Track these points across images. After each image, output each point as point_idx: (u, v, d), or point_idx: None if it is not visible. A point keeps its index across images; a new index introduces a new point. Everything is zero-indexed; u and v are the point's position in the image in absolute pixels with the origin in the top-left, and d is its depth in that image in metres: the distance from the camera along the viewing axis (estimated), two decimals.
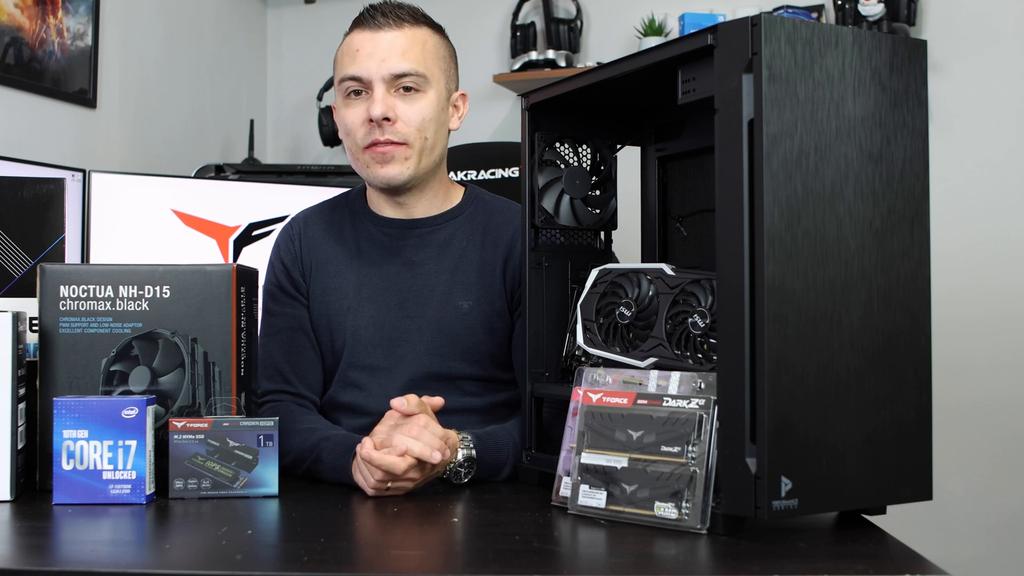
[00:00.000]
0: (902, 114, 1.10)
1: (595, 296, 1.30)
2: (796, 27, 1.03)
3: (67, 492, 1.23)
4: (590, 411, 1.19)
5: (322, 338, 1.58)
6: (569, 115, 1.41)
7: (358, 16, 1.53)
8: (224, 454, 1.28)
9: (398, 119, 1.48)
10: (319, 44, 3.56)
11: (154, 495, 1.27)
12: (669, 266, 1.23)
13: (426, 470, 1.28)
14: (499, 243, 1.56)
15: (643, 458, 1.13)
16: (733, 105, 1.04)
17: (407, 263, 1.56)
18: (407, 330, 1.54)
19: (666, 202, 1.45)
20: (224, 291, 1.34)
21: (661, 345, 1.20)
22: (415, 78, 1.49)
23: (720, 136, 1.05)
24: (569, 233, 1.43)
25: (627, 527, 1.11)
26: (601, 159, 1.45)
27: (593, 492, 1.16)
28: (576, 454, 1.19)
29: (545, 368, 1.39)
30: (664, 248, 1.45)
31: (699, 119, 1.36)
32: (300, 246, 1.61)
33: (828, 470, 1.03)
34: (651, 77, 1.23)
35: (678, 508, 1.08)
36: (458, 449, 1.34)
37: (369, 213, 1.61)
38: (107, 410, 1.24)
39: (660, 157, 1.44)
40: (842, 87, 1.06)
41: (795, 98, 1.03)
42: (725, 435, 1.04)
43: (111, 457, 1.23)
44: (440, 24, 1.58)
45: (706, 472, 1.07)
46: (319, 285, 1.58)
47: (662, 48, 1.15)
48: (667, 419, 1.12)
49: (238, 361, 1.35)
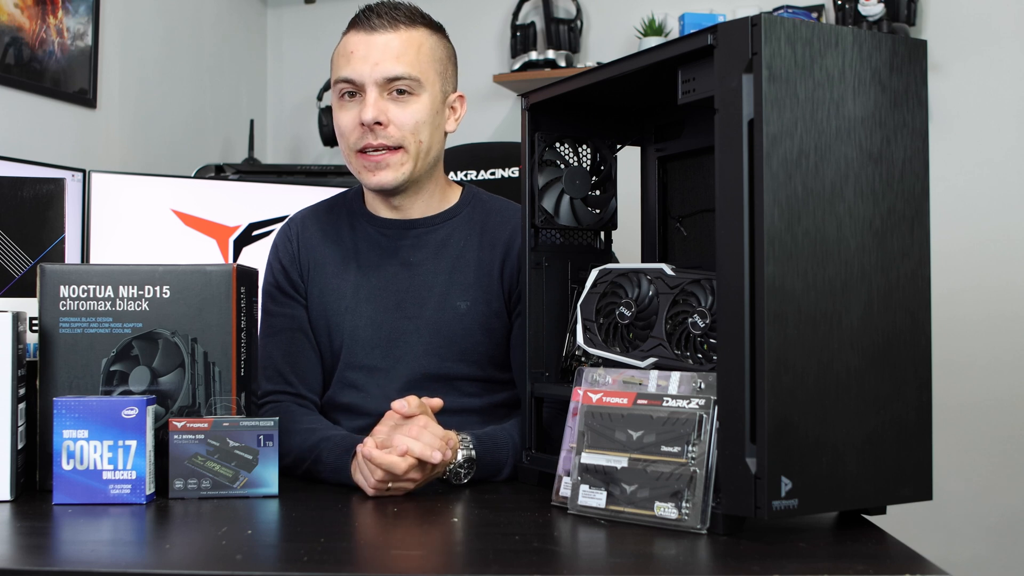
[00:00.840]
0: (902, 114, 1.10)
1: (595, 296, 1.30)
2: (796, 27, 1.03)
3: (67, 492, 1.23)
4: (590, 411, 1.19)
5: (320, 339, 1.58)
6: (569, 115, 1.41)
7: (354, 17, 1.52)
8: (224, 454, 1.28)
9: (390, 123, 1.48)
10: (319, 44, 3.55)
11: (154, 495, 1.27)
12: (669, 266, 1.23)
13: (426, 471, 1.28)
14: (496, 243, 1.56)
15: (643, 458, 1.13)
16: (733, 105, 1.04)
17: (404, 263, 1.56)
18: (405, 331, 1.54)
19: (666, 202, 1.45)
20: (224, 291, 1.34)
21: (661, 345, 1.20)
22: (408, 82, 1.48)
23: (720, 136, 1.05)
24: (569, 233, 1.43)
25: (627, 527, 1.11)
26: (601, 159, 1.45)
27: (593, 492, 1.16)
28: (576, 454, 1.19)
29: (545, 368, 1.39)
30: (664, 248, 1.45)
31: (699, 119, 1.36)
32: (298, 247, 1.61)
33: (828, 470, 1.03)
34: (651, 77, 1.23)
35: (678, 508, 1.08)
36: (458, 450, 1.34)
37: (366, 214, 1.61)
38: (107, 410, 1.24)
39: (660, 157, 1.44)
40: (842, 87, 1.06)
41: (795, 98, 1.03)
42: (725, 435, 1.04)
43: (111, 457, 1.23)
44: (440, 23, 1.57)
45: (706, 472, 1.07)
46: (317, 286, 1.58)
47: (662, 48, 1.15)
48: (667, 419, 1.12)
49: (238, 361, 1.35)
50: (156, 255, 2.35)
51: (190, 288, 1.34)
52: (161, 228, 2.39)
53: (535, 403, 1.38)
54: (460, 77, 1.61)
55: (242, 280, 1.36)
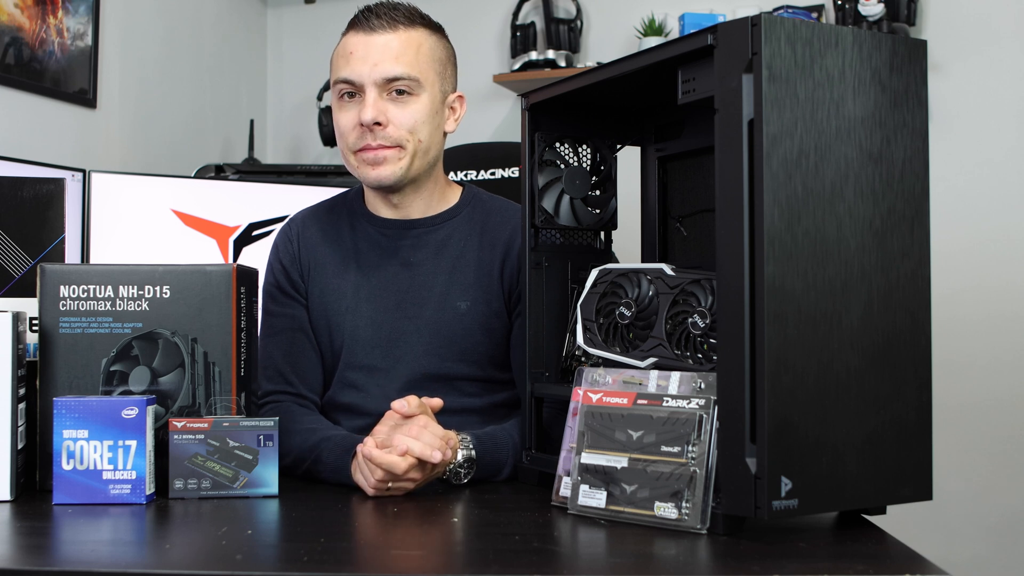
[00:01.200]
0: (902, 114, 1.10)
1: (595, 296, 1.30)
2: (796, 27, 1.03)
3: (67, 492, 1.23)
4: (590, 411, 1.19)
5: (321, 339, 1.58)
6: (569, 115, 1.41)
7: (353, 17, 1.53)
8: (224, 454, 1.28)
9: (389, 123, 1.48)
10: (319, 44, 3.55)
11: (154, 495, 1.27)
12: (669, 266, 1.23)
13: (426, 470, 1.28)
14: (496, 243, 1.56)
15: (643, 458, 1.13)
16: (733, 105, 1.04)
17: (405, 263, 1.56)
18: (405, 331, 1.54)
19: (666, 202, 1.45)
20: (224, 291, 1.34)
21: (661, 345, 1.20)
22: (408, 82, 1.48)
23: (720, 136, 1.05)
24: (569, 233, 1.43)
25: (627, 527, 1.11)
26: (601, 159, 1.45)
27: (593, 492, 1.16)
28: (576, 454, 1.19)
29: (545, 368, 1.39)
30: (664, 248, 1.45)
31: (699, 119, 1.36)
32: (298, 247, 1.61)
33: (828, 470, 1.03)
34: (651, 77, 1.23)
35: (678, 508, 1.08)
36: (458, 450, 1.34)
37: (367, 213, 1.61)
38: (107, 410, 1.24)
39: (660, 157, 1.44)
40: (842, 87, 1.06)
41: (795, 98, 1.03)
42: (725, 435, 1.04)
43: (111, 457, 1.23)
44: (439, 24, 1.57)
45: (706, 472, 1.07)
46: (317, 286, 1.58)
47: (662, 48, 1.15)
48: (667, 419, 1.12)
49: (238, 361, 1.35)
50: (156, 255, 2.35)
51: (190, 288, 1.34)
52: (161, 228, 2.39)
53: (535, 403, 1.38)
54: (460, 77, 1.61)
55: (242, 280, 1.36)
